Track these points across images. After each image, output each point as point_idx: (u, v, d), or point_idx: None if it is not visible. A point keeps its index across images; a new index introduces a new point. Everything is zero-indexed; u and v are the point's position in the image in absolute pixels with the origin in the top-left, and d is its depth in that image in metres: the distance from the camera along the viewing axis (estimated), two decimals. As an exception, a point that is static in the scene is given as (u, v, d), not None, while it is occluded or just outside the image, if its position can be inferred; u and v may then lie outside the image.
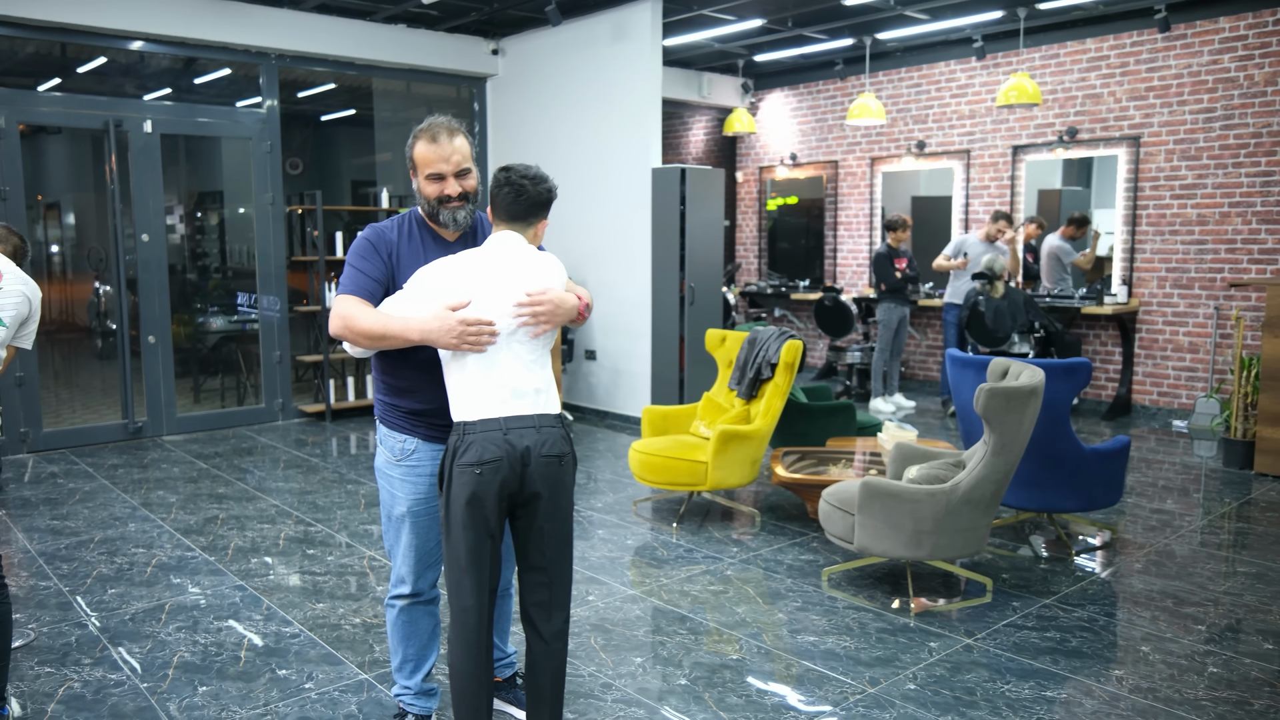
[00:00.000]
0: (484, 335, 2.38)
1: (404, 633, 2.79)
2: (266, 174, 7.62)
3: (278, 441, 7.07)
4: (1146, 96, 7.86)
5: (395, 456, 2.66)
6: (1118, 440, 4.63)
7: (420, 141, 2.56)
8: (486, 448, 2.39)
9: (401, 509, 2.67)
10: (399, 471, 2.66)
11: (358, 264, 2.57)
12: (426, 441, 2.65)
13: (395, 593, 2.76)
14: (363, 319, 2.45)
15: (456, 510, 2.41)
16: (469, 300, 2.40)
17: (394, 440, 2.67)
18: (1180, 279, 7.80)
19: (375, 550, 4.62)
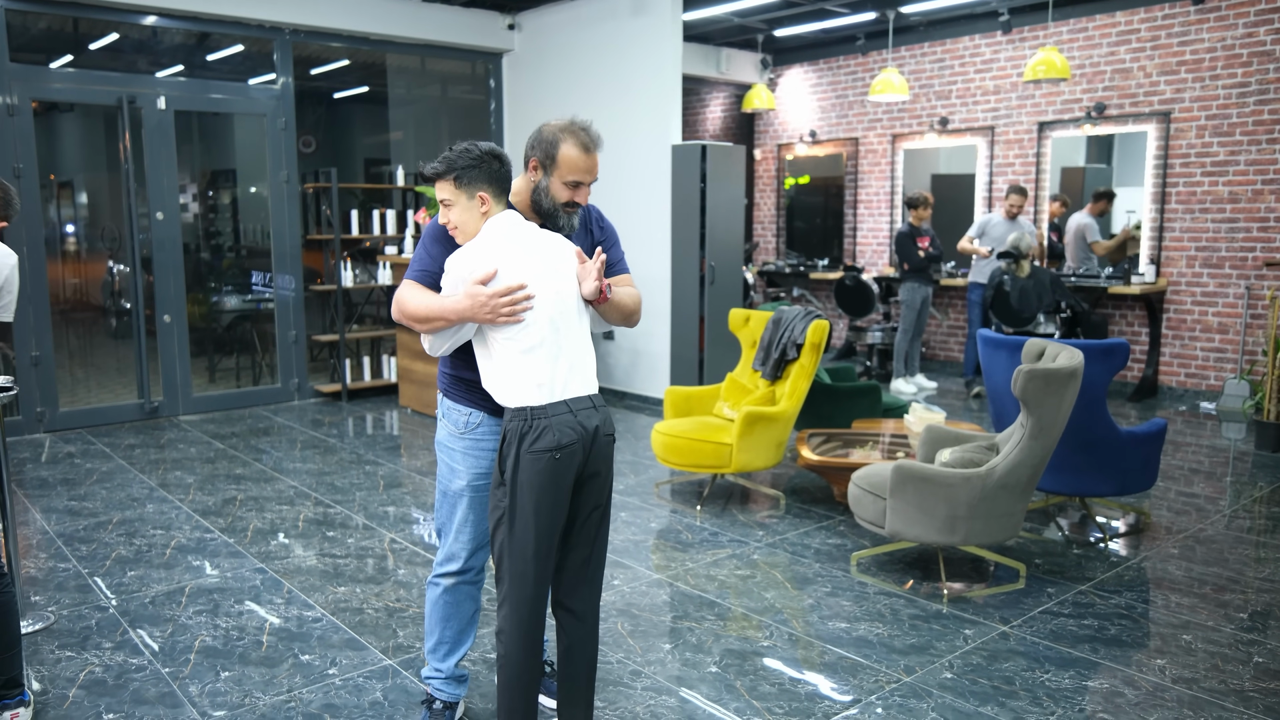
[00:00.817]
0: (519, 302, 2.31)
1: (445, 613, 2.72)
2: (281, 151, 7.53)
3: (294, 422, 7.02)
4: (1178, 71, 7.68)
5: (459, 430, 2.60)
6: (1154, 423, 4.52)
7: (572, 145, 2.51)
8: (563, 432, 2.33)
9: (461, 483, 2.61)
10: (462, 445, 2.60)
11: (429, 247, 2.53)
12: (491, 415, 2.59)
13: (442, 570, 2.70)
14: (411, 301, 2.42)
15: (527, 499, 2.33)
16: (494, 270, 2.33)
17: (458, 413, 2.61)
18: (1210, 258, 7.64)
19: (395, 532, 4.56)
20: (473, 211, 2.43)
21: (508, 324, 2.33)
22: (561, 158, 2.51)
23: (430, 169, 2.44)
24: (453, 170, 2.41)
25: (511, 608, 2.39)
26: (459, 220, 2.44)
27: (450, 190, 2.42)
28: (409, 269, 2.53)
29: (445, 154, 2.44)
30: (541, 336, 2.36)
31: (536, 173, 2.55)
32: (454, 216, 2.44)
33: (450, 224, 2.45)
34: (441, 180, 2.43)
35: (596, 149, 2.54)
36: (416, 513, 4.89)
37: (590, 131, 2.54)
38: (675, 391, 5.35)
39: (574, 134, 2.51)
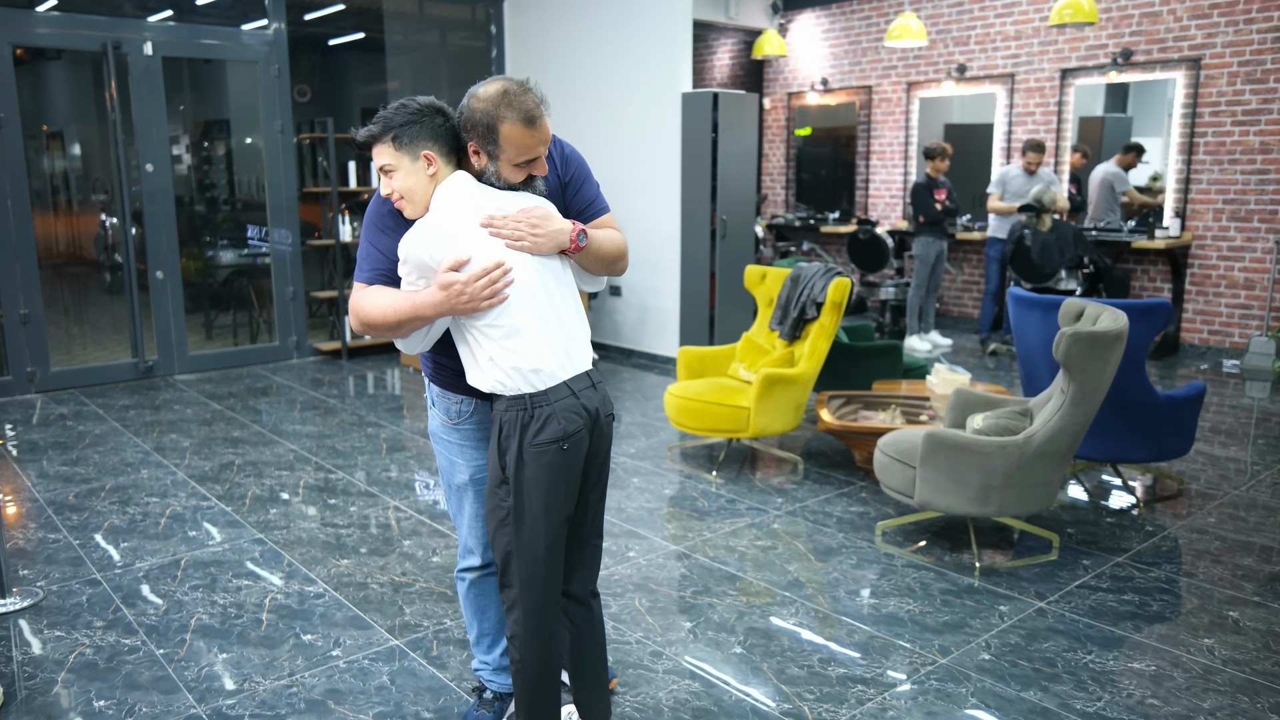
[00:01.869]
0: (499, 282, 2.04)
1: (477, 606, 2.54)
2: (275, 100, 7.24)
3: (293, 381, 6.82)
4: (1210, 15, 7.35)
5: (451, 419, 2.37)
6: (1192, 386, 4.32)
7: (514, 122, 2.06)
8: (568, 419, 2.10)
9: (462, 477, 2.39)
10: (457, 436, 2.38)
11: (372, 239, 2.19)
12: (485, 402, 2.34)
13: (464, 565, 2.51)
14: (373, 308, 2.11)
15: (534, 496, 2.10)
16: (469, 256, 2.04)
17: (448, 401, 2.37)
18: (1238, 211, 7.38)
19: (400, 500, 4.39)
20: (419, 175, 2.10)
21: (489, 308, 2.05)
22: (505, 139, 2.07)
23: (363, 133, 2.12)
24: (389, 130, 2.09)
25: (524, 612, 2.18)
26: (404, 187, 2.11)
27: (390, 154, 2.10)
28: (357, 271, 2.20)
29: (380, 114, 2.12)
30: (528, 313, 2.09)
31: (479, 158, 2.13)
32: (398, 184, 2.11)
33: (394, 195, 2.12)
34: (378, 144, 2.11)
35: (543, 115, 2.09)
36: (420, 478, 4.71)
37: (532, 94, 2.08)
38: (689, 352, 5.14)
39: (512, 107, 2.04)
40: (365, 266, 2.19)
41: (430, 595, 3.40)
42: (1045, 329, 4.23)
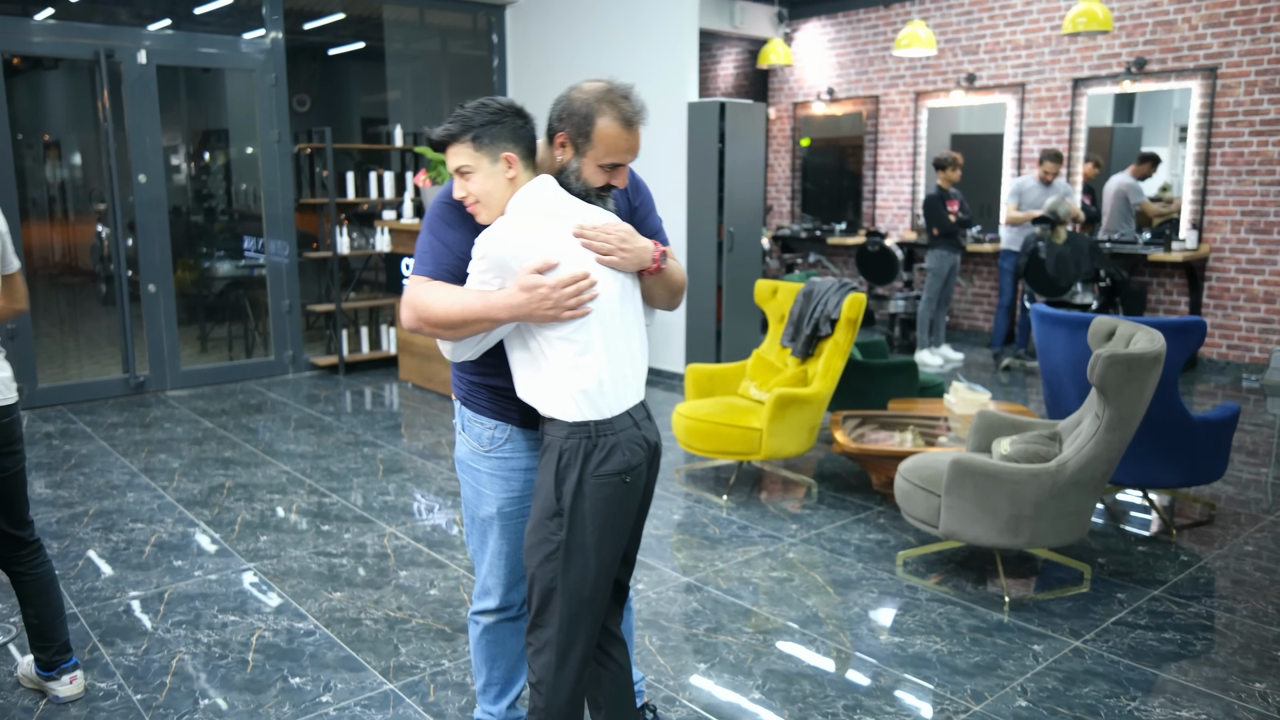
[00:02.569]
0: (584, 294, 1.90)
1: (489, 653, 2.33)
2: (272, 110, 7.07)
3: (288, 397, 6.63)
4: (1227, 23, 7.18)
5: (483, 446, 2.18)
6: (1225, 408, 4.13)
7: (612, 119, 2.00)
8: (632, 450, 2.00)
9: (489, 509, 2.20)
10: (487, 465, 2.18)
11: (438, 233, 2.04)
12: (522, 429, 2.16)
13: (480, 607, 2.30)
14: (437, 304, 1.94)
15: (589, 532, 1.96)
16: (557, 261, 1.90)
17: (480, 427, 2.18)
18: (1257, 223, 7.21)
19: (396, 526, 4.19)
20: (498, 178, 1.97)
21: (569, 320, 1.91)
22: (599, 135, 2.01)
23: (442, 132, 1.99)
24: (469, 130, 1.96)
25: (557, 655, 2.01)
26: (482, 190, 1.97)
27: (469, 155, 1.97)
28: (417, 265, 2.05)
29: (457, 112, 1.98)
30: (602, 333, 1.96)
31: (565, 151, 2.06)
32: (475, 187, 1.97)
33: (469, 197, 1.99)
34: (456, 144, 1.97)
35: (641, 122, 2.05)
36: (418, 502, 4.52)
37: (633, 100, 2.04)
38: (697, 369, 4.95)
39: (614, 105, 2.01)
40: (428, 260, 2.03)
41: (427, 633, 3.21)
42: (1071, 348, 4.05)
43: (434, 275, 2.01)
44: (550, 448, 1.98)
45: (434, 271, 2.02)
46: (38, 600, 2.73)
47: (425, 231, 2.07)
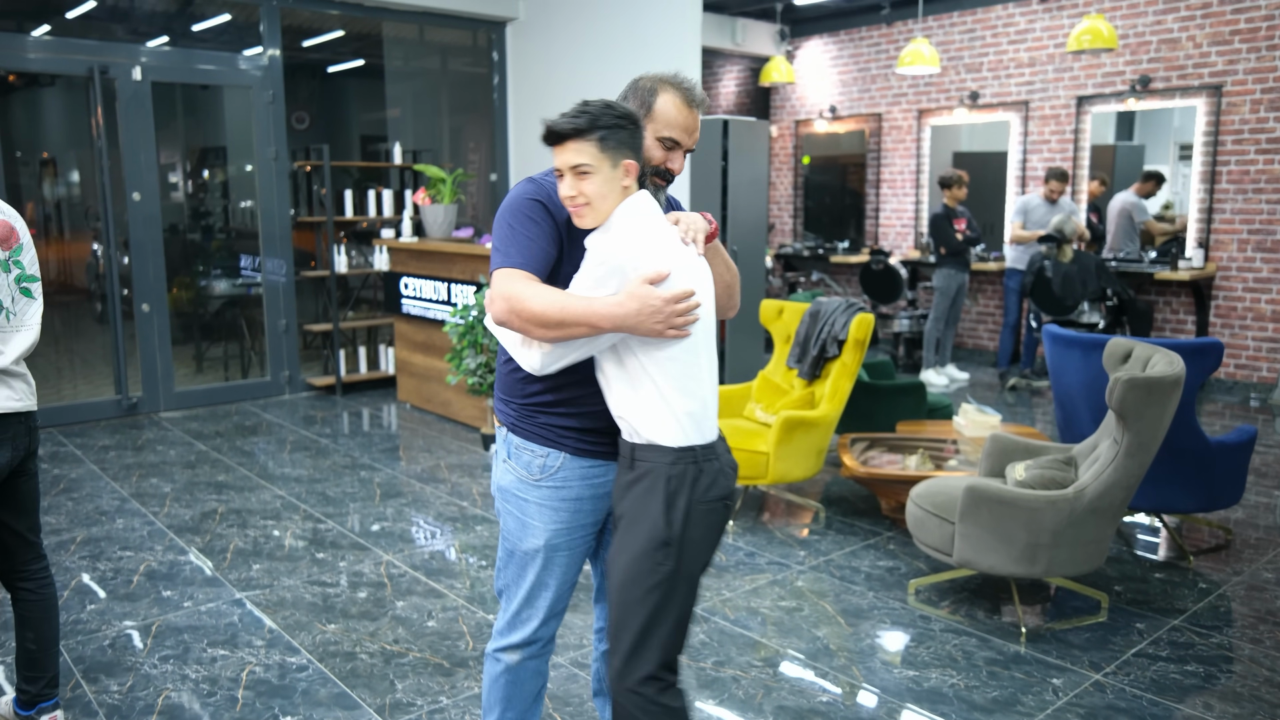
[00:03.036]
0: (690, 314, 1.85)
1: (506, 693, 2.18)
2: (269, 127, 6.99)
3: (284, 419, 6.52)
4: (1231, 41, 7.14)
5: (532, 475, 2.06)
6: (1243, 431, 4.04)
7: (672, 95, 2.04)
8: (729, 475, 1.99)
9: (536, 542, 2.07)
10: (537, 495, 2.06)
11: (523, 227, 1.94)
12: (575, 457, 2.05)
13: (507, 642, 2.14)
14: (535, 299, 1.83)
15: (694, 558, 1.93)
16: (669, 272, 1.84)
17: (531, 455, 2.06)
18: (1264, 242, 7.13)
19: (394, 553, 4.08)
20: (615, 184, 1.88)
21: (674, 339, 1.86)
22: (659, 108, 2.04)
23: (565, 123, 1.87)
24: (596, 128, 1.86)
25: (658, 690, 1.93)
26: (597, 193, 1.87)
27: (592, 154, 1.86)
28: (502, 258, 1.93)
29: (580, 107, 1.90)
30: (704, 353, 1.94)
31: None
32: (590, 188, 1.87)
33: (580, 198, 1.88)
34: (580, 139, 1.86)
35: (701, 108, 2.09)
36: (417, 528, 4.41)
37: (695, 89, 2.08)
38: (701, 391, 4.84)
39: (675, 85, 2.06)
40: (513, 252, 1.92)
41: (425, 667, 3.09)
42: (1085, 370, 3.95)
43: (522, 267, 1.90)
44: (651, 474, 1.90)
45: (524, 263, 1.90)
46: (40, 624, 2.61)
47: (506, 226, 1.96)
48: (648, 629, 1.92)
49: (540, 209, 1.96)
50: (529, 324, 1.83)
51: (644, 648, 1.93)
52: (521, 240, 1.92)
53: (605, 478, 2.08)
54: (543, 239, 1.94)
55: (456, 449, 5.73)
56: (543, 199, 1.97)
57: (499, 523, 2.18)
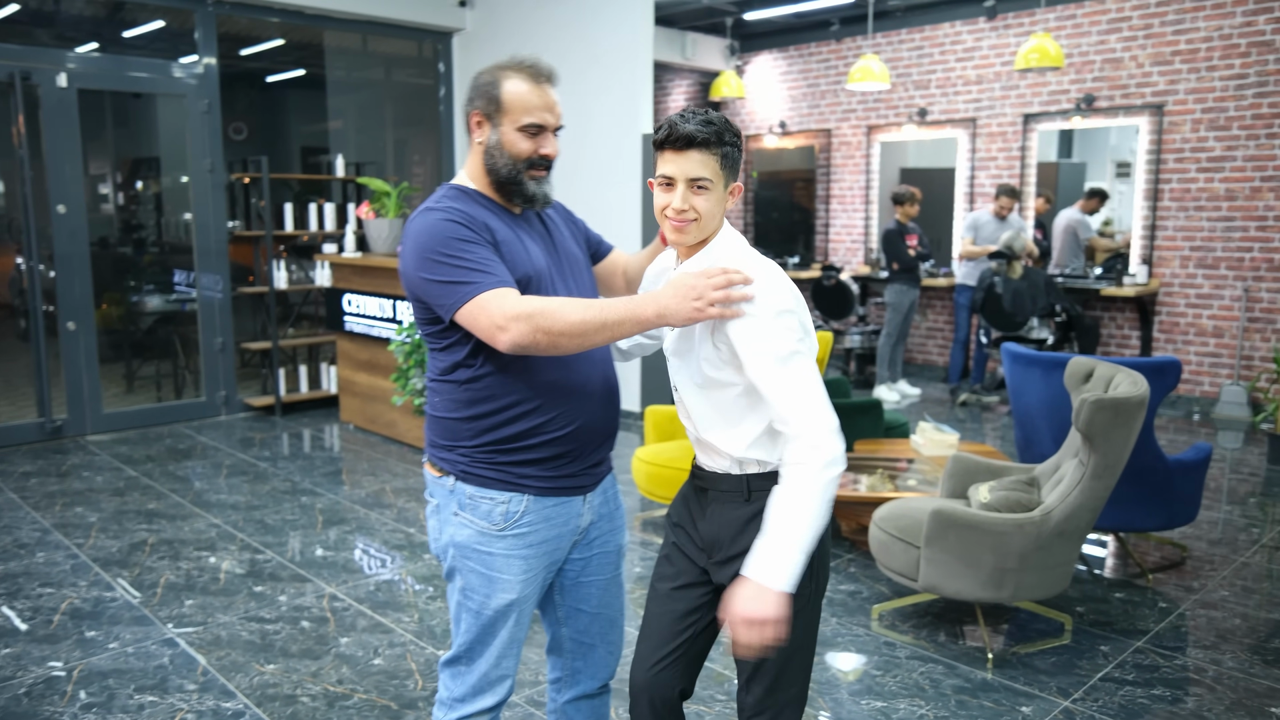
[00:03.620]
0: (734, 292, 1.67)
1: None
2: (204, 137, 6.73)
3: (220, 441, 6.25)
4: (1172, 61, 7.27)
5: (495, 525, 1.87)
6: (1199, 449, 4.04)
7: (517, 78, 1.88)
8: None
9: (510, 595, 1.89)
10: (503, 545, 1.87)
11: (471, 250, 1.76)
12: (540, 497, 1.88)
13: (474, 709, 1.93)
14: (562, 311, 1.69)
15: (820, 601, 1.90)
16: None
17: (491, 503, 1.86)
18: (1205, 258, 7.25)
19: (337, 584, 3.88)
20: (722, 206, 1.77)
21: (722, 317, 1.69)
22: (509, 96, 1.87)
23: (699, 129, 1.69)
24: (723, 143, 1.72)
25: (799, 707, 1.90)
26: (709, 211, 1.73)
27: (714, 168, 1.72)
28: (469, 285, 1.74)
29: (704, 115, 1.73)
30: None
31: (481, 129, 1.92)
32: (704, 205, 1.72)
33: (690, 213, 1.72)
34: (706, 151, 1.71)
35: (551, 83, 1.91)
36: (361, 557, 4.21)
37: (538, 63, 1.90)
38: (657, 411, 4.73)
39: (516, 67, 1.89)
40: (488, 271, 1.75)
41: (371, 710, 2.91)
42: (1046, 389, 3.92)
43: (506, 284, 1.76)
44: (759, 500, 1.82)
45: (503, 280, 1.76)
46: None
47: (451, 254, 1.75)
48: (791, 654, 1.81)
49: (465, 229, 1.79)
50: (560, 338, 1.69)
51: (788, 673, 1.84)
52: (481, 260, 1.77)
53: (569, 511, 1.94)
54: (494, 255, 1.80)
55: (403, 472, 5.53)
56: (460, 219, 1.80)
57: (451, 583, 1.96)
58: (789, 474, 1.68)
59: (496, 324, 1.70)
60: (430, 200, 1.90)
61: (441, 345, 1.88)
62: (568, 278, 1.96)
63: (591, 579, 2.05)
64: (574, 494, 1.94)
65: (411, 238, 1.82)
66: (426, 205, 1.88)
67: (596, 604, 2.07)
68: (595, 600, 2.07)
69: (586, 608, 2.06)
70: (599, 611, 2.08)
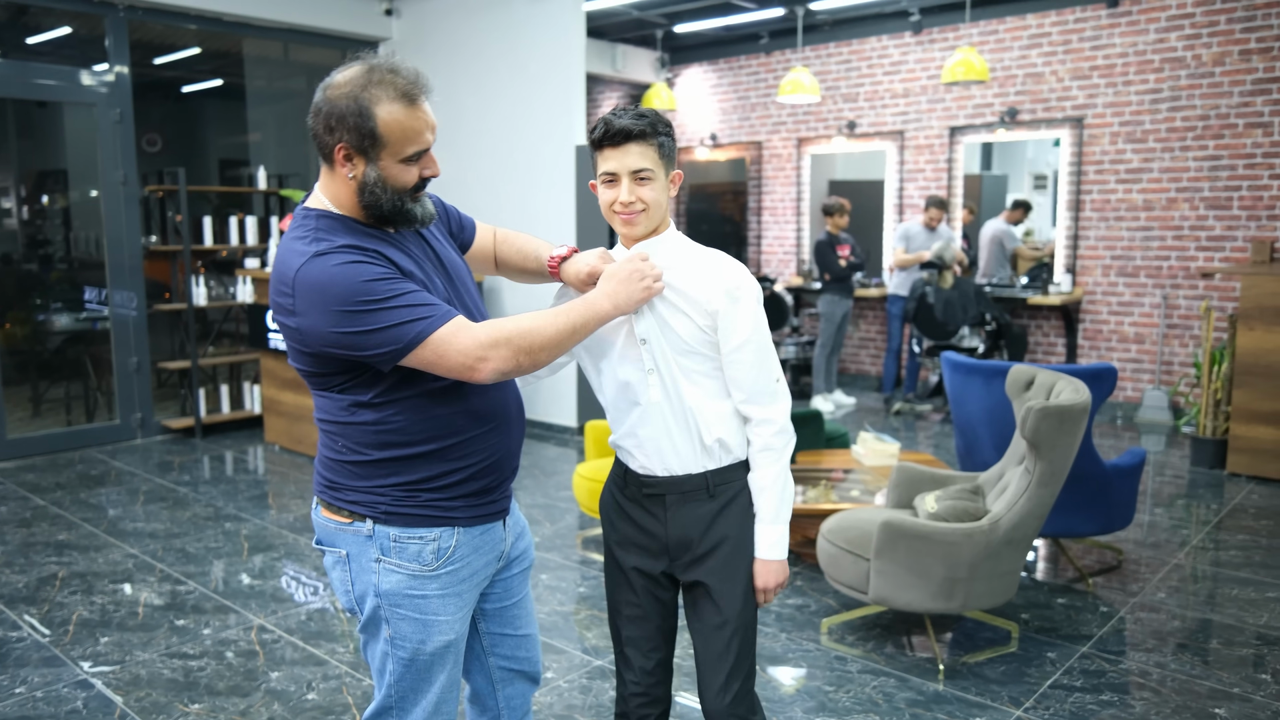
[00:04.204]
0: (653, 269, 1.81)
1: None
2: (116, 148, 6.44)
3: (136, 466, 5.95)
4: (1090, 76, 7.47)
5: (427, 565, 1.71)
6: (1134, 453, 4.10)
7: (392, 103, 1.60)
8: None
9: (447, 636, 1.74)
10: (437, 585, 1.72)
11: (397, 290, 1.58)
12: (470, 526, 1.75)
13: None
14: (535, 327, 1.67)
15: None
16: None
17: (420, 542, 1.71)
18: (1125, 267, 7.46)
19: (265, 615, 3.69)
20: (666, 194, 1.84)
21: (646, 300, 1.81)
22: (385, 130, 1.60)
23: (634, 124, 1.76)
24: (658, 133, 1.79)
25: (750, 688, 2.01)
26: (655, 200, 1.81)
27: (654, 158, 1.79)
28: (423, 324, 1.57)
29: (633, 109, 1.79)
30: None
31: (354, 166, 1.63)
32: (650, 194, 1.79)
33: (637, 204, 1.79)
34: (644, 142, 1.78)
35: (425, 93, 1.65)
36: (290, 585, 4.02)
37: (403, 72, 1.63)
38: (598, 426, 4.64)
39: (384, 84, 1.60)
40: (429, 303, 1.61)
41: (305, 749, 2.75)
42: (987, 397, 3.94)
43: (454, 311, 1.63)
44: (745, 491, 1.94)
45: (450, 309, 1.63)
46: None
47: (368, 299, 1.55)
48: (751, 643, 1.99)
49: (381, 268, 1.60)
50: (539, 354, 1.67)
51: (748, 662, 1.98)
52: (412, 295, 1.60)
53: (494, 537, 1.83)
54: (415, 284, 1.64)
55: (332, 493, 5.32)
56: (366, 258, 1.59)
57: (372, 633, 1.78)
58: (764, 460, 1.90)
59: (475, 356, 1.59)
60: (300, 235, 1.64)
61: (334, 385, 1.67)
62: (462, 293, 1.81)
63: (514, 599, 1.96)
64: (497, 519, 1.84)
65: (311, 291, 1.56)
66: (308, 249, 1.60)
67: (521, 623, 1.99)
68: (520, 620, 1.98)
69: (512, 630, 1.97)
70: (526, 633, 2.00)
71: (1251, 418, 5.60)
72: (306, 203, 1.73)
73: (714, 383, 1.87)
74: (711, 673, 1.94)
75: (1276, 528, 4.74)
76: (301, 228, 1.66)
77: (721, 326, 1.83)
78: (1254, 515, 4.94)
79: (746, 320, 1.83)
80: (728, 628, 1.92)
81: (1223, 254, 7.01)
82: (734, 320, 1.82)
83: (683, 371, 1.85)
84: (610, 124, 1.76)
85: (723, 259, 1.87)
